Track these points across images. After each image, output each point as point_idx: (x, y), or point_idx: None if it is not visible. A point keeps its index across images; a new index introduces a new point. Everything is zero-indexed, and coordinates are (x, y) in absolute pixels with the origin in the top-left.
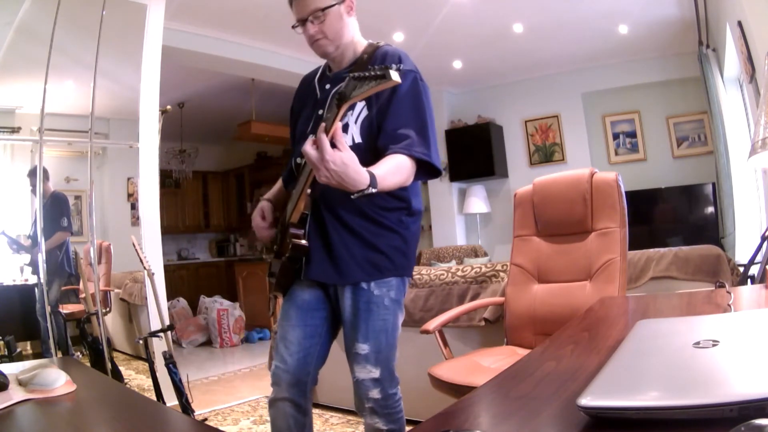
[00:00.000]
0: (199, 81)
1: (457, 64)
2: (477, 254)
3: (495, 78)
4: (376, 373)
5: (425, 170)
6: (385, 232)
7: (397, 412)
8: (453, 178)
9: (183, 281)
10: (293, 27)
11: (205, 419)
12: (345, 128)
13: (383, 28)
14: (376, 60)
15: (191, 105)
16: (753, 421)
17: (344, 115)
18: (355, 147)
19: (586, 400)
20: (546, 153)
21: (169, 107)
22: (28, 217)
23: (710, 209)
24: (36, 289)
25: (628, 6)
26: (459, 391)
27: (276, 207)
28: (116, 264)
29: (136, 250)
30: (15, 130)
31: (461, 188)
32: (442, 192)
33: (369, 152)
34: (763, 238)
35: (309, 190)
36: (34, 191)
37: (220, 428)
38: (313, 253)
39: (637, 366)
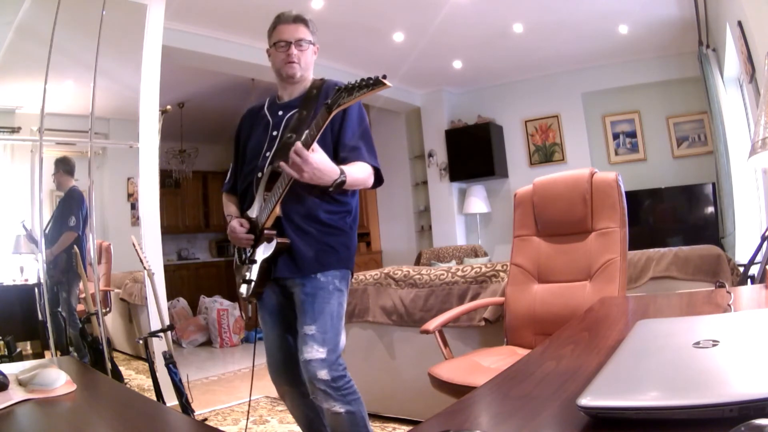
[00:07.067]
0: (199, 81)
1: (457, 64)
2: (477, 254)
3: (495, 78)
4: (323, 353)
5: (374, 178)
6: (333, 230)
7: (352, 393)
8: (453, 178)
9: (183, 281)
10: (275, 44)
11: (205, 419)
12: None
13: (383, 28)
14: (325, 92)
15: (191, 105)
16: (753, 421)
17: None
18: None
19: (586, 400)
20: (546, 153)
21: (169, 107)
22: (47, 212)
23: (710, 209)
24: (40, 290)
25: (628, 6)
26: (459, 391)
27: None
28: (116, 264)
29: (136, 250)
30: (15, 130)
31: (461, 188)
32: (442, 192)
33: None
34: (763, 238)
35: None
36: (55, 182)
37: (220, 428)
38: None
39: (637, 366)
